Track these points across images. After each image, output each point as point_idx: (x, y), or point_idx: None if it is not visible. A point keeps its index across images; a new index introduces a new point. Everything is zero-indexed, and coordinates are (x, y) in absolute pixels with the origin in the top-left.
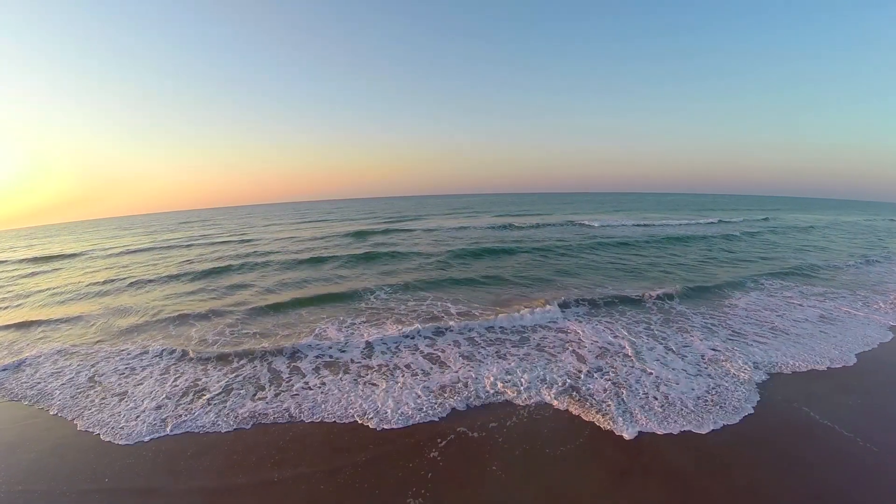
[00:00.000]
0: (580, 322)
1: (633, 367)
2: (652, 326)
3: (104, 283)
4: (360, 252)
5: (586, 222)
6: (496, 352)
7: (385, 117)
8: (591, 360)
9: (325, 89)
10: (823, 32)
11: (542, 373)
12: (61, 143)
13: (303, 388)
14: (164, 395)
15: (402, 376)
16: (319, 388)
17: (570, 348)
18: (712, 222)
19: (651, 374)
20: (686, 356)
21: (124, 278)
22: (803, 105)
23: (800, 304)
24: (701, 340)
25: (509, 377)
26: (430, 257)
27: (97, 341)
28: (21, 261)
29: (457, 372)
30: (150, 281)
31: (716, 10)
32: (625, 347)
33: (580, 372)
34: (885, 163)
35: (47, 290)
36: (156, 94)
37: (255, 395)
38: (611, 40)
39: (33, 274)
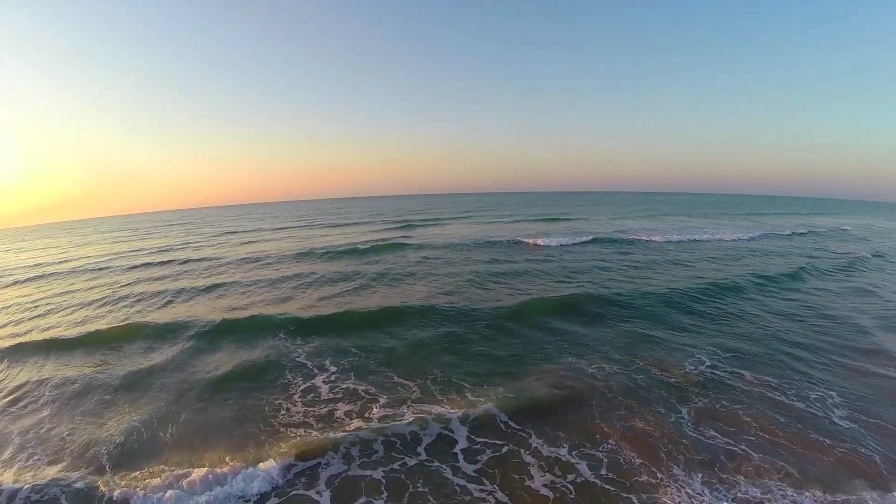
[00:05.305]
0: None
1: None
2: None
3: None
4: (330, 309)
5: (643, 237)
6: None
7: (387, 116)
8: None
9: (331, 88)
10: (821, 33)
11: None
12: (68, 141)
13: None
14: None
15: None
16: None
17: None
18: (800, 233)
19: None
20: None
21: None
22: (805, 104)
23: None
24: None
25: None
26: (454, 325)
27: None
28: None
29: None
30: None
31: (726, 6)
32: None
33: None
34: (888, 162)
35: None
36: (162, 91)
37: None
38: (616, 39)
39: None
